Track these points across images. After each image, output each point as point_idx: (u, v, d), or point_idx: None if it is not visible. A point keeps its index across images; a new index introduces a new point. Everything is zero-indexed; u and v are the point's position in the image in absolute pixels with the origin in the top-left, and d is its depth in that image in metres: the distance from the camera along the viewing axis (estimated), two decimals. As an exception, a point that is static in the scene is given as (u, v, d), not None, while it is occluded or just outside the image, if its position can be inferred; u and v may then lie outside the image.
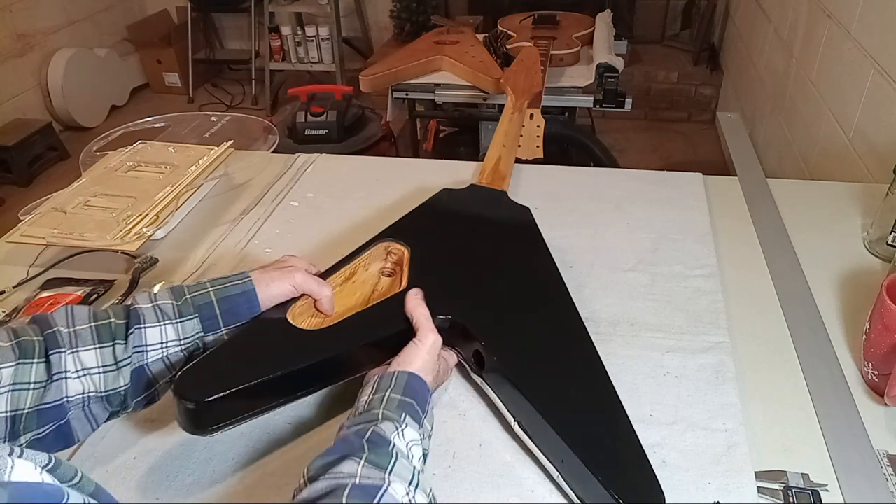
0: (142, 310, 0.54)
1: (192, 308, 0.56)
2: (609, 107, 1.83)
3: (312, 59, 3.48)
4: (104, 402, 0.53)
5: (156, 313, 0.55)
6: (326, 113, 2.23)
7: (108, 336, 0.53)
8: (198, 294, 0.57)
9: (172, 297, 0.56)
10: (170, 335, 0.55)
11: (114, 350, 0.52)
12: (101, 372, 0.52)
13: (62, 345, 0.51)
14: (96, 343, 0.52)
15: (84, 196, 0.96)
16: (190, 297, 0.56)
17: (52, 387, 0.50)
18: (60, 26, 3.31)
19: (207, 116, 1.28)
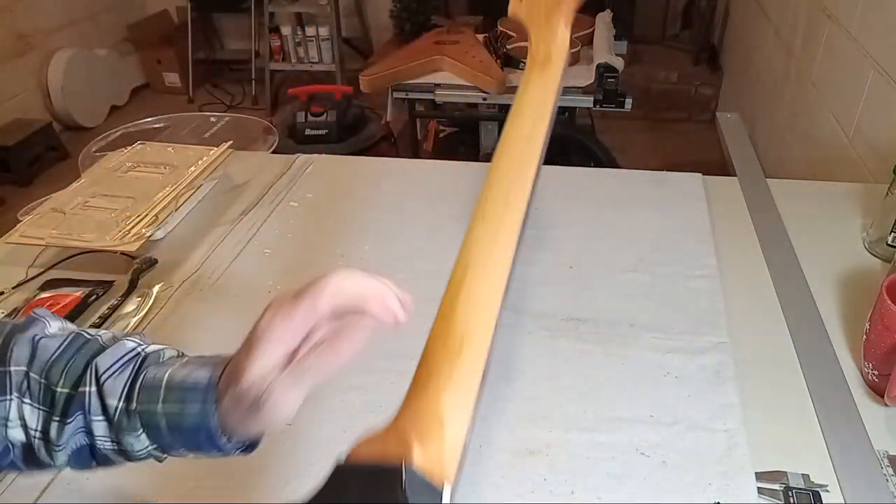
0: (87, 394, 0.41)
1: (136, 423, 0.41)
2: (609, 107, 1.83)
3: (312, 59, 3.48)
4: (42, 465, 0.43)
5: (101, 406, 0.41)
6: (326, 113, 2.23)
7: (49, 403, 0.42)
8: (146, 407, 0.40)
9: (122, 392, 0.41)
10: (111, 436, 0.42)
11: (49, 424, 0.42)
12: (38, 438, 0.42)
13: (7, 390, 0.42)
14: (39, 403, 0.42)
15: (83, 196, 0.96)
16: (136, 409, 0.41)
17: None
18: (60, 26, 3.31)
19: (207, 117, 1.28)
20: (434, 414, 0.34)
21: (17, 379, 0.42)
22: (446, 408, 0.34)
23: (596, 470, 0.60)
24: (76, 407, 0.41)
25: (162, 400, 0.40)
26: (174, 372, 0.41)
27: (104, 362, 0.42)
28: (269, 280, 0.86)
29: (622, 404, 0.66)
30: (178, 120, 1.27)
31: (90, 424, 0.41)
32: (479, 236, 0.45)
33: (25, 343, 0.43)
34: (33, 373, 0.42)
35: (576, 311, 0.79)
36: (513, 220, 0.46)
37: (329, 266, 0.88)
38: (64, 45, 3.28)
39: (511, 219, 0.46)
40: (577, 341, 0.74)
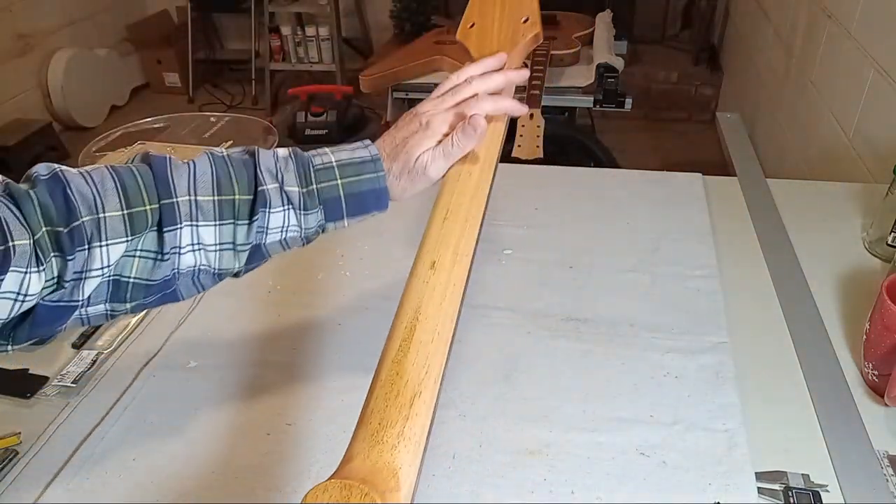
0: (268, 191, 0.49)
1: (317, 200, 0.50)
2: (609, 107, 1.83)
3: (312, 59, 3.48)
4: (215, 277, 0.50)
5: (281, 198, 0.49)
6: (326, 113, 2.23)
7: (230, 213, 0.48)
8: (325, 185, 0.50)
9: (298, 181, 0.50)
10: (291, 221, 0.50)
11: (234, 231, 0.48)
12: (217, 250, 0.48)
13: (179, 220, 0.46)
14: (216, 220, 0.48)
15: (84, 196, 0.96)
16: (316, 188, 0.50)
17: (164, 264, 0.46)
18: (60, 26, 3.31)
19: (207, 117, 1.28)
20: (391, 469, 0.37)
21: (185, 209, 0.47)
22: (401, 463, 0.37)
23: (596, 470, 0.60)
24: (259, 205, 0.48)
25: (339, 176, 0.50)
26: (337, 154, 0.51)
27: (269, 165, 0.50)
28: (268, 280, 0.86)
29: (622, 404, 0.66)
30: (178, 120, 1.27)
31: (269, 220, 0.49)
32: (427, 286, 0.47)
33: (182, 175, 0.48)
34: (201, 196, 0.47)
35: (576, 311, 0.79)
36: (460, 274, 0.48)
37: (329, 266, 0.88)
38: (64, 45, 3.28)
39: (459, 272, 0.48)
40: (577, 341, 0.74)
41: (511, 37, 0.63)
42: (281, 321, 0.79)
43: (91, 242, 0.43)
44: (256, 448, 0.63)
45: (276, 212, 0.49)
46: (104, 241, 0.44)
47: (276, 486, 0.60)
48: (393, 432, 0.38)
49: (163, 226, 0.46)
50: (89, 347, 0.76)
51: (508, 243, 0.91)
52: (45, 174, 0.45)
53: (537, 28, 0.63)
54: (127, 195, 0.45)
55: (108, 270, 0.45)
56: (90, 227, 0.43)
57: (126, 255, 0.45)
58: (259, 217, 0.48)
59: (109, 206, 0.44)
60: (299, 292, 0.84)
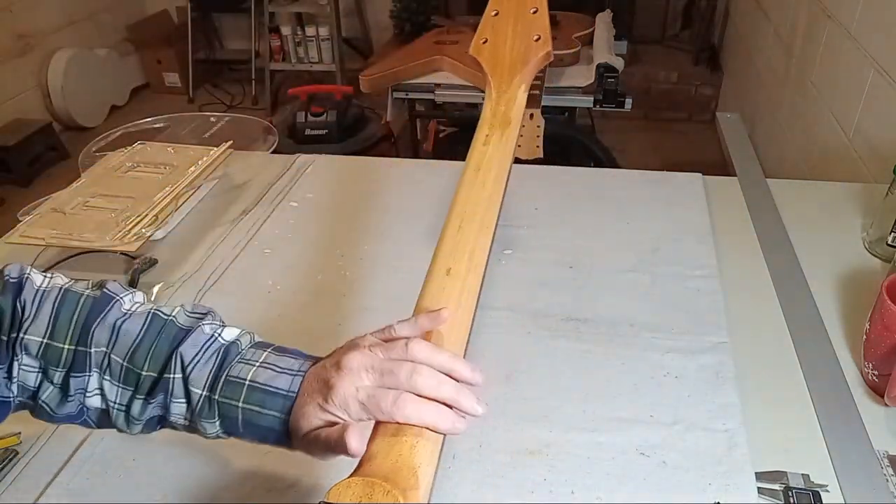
0: (173, 380, 0.46)
1: (215, 412, 0.46)
2: (609, 107, 1.83)
3: (312, 59, 3.48)
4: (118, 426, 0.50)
5: (184, 391, 0.47)
6: (326, 113, 2.23)
7: (133, 383, 0.47)
8: (227, 401, 0.46)
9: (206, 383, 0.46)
10: (188, 416, 0.47)
11: (132, 400, 0.47)
12: (116, 409, 0.48)
13: (89, 368, 0.47)
14: (121, 382, 0.47)
15: (83, 197, 0.96)
16: (218, 399, 0.46)
17: (68, 403, 0.47)
18: (60, 26, 3.31)
19: (207, 117, 1.28)
20: (410, 468, 0.38)
21: (97, 358, 0.47)
22: (420, 461, 0.39)
23: (596, 470, 0.60)
24: (160, 389, 0.46)
25: (243, 399, 0.45)
26: (257, 373, 0.46)
27: (188, 353, 0.47)
28: (269, 280, 0.86)
29: (622, 404, 0.66)
30: (178, 120, 1.27)
31: (170, 405, 0.46)
32: (444, 292, 0.48)
33: (106, 328, 0.47)
34: (115, 355, 0.47)
35: (576, 311, 0.79)
36: (475, 281, 0.49)
37: (329, 266, 0.88)
38: (64, 45, 3.27)
39: (473, 279, 0.49)
40: (577, 341, 0.74)
41: (523, 54, 0.63)
42: (281, 321, 0.79)
43: (14, 354, 0.46)
44: (256, 448, 0.63)
45: (177, 402, 0.47)
46: (19, 359, 0.47)
47: (276, 487, 0.60)
48: (412, 432, 0.40)
49: (72, 369, 0.47)
50: (89, 347, 0.76)
51: (508, 243, 0.91)
52: (13, 277, 0.48)
53: (548, 46, 0.63)
54: (54, 327, 0.47)
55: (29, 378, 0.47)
56: (12, 343, 0.47)
57: (42, 376, 0.47)
58: (159, 399, 0.47)
59: (34, 330, 0.47)
60: (299, 292, 0.84)
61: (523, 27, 0.65)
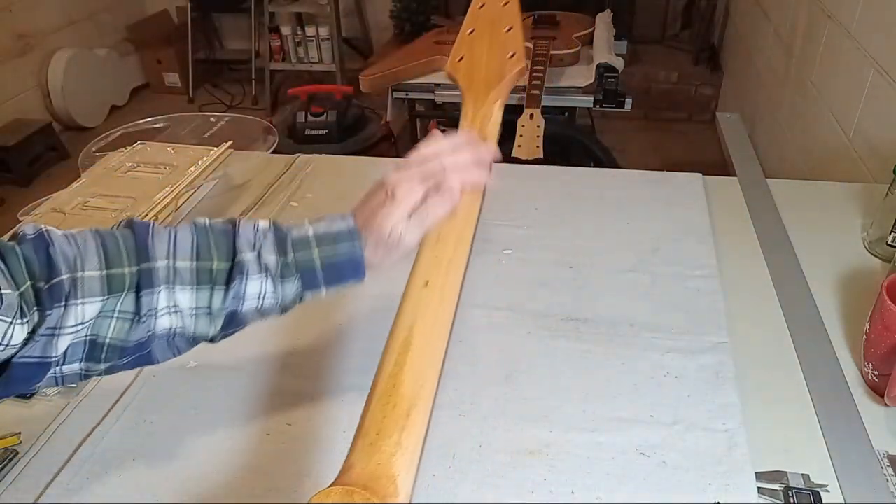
0: (246, 260, 0.49)
1: (294, 270, 0.50)
2: (609, 107, 1.83)
3: (312, 59, 3.48)
4: (190, 341, 0.51)
5: (259, 266, 0.50)
6: (326, 113, 2.23)
7: (208, 279, 0.49)
8: (302, 255, 0.51)
9: (276, 250, 0.50)
10: (268, 289, 0.50)
11: (211, 296, 0.49)
12: (194, 314, 0.49)
13: (157, 283, 0.47)
14: (194, 284, 0.49)
15: (83, 197, 0.96)
16: (293, 258, 0.50)
17: (140, 326, 0.47)
18: (60, 26, 3.31)
19: (207, 117, 1.28)
20: (389, 476, 0.39)
21: (163, 273, 0.48)
22: (399, 470, 0.39)
23: (596, 470, 0.60)
24: (237, 273, 0.49)
25: (316, 245, 0.51)
26: (315, 226, 0.52)
27: (247, 237, 0.51)
28: (269, 280, 0.86)
29: (622, 404, 0.66)
30: (178, 120, 1.27)
31: (246, 289, 0.49)
32: (422, 303, 0.49)
33: (162, 242, 0.49)
34: (180, 262, 0.49)
35: (576, 311, 0.79)
36: (452, 292, 0.50)
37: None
38: (64, 45, 3.28)
39: (451, 291, 0.50)
40: (577, 341, 0.74)
41: (498, 71, 0.65)
42: (281, 322, 0.79)
43: (68, 300, 0.45)
44: (256, 448, 0.63)
45: (254, 279, 0.49)
46: (80, 300, 0.45)
47: (276, 486, 0.60)
48: (391, 442, 0.40)
49: (140, 288, 0.47)
50: (89, 347, 0.76)
51: (508, 243, 0.91)
52: (30, 233, 0.46)
53: (522, 63, 0.65)
54: (107, 256, 0.47)
55: (83, 329, 0.46)
56: (68, 285, 0.45)
57: (103, 314, 0.46)
58: (236, 284, 0.49)
59: (89, 265, 0.46)
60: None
61: (498, 45, 0.67)
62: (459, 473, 0.60)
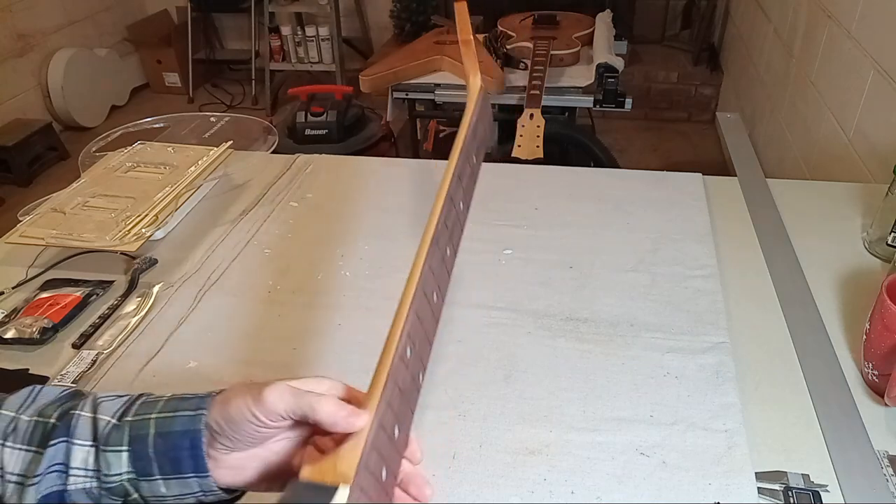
0: (80, 417, 0.40)
1: (124, 436, 0.39)
2: (609, 107, 1.83)
3: (312, 59, 3.48)
4: None
5: (92, 428, 0.40)
6: (326, 113, 2.23)
7: (38, 438, 0.40)
8: (138, 419, 0.40)
9: (117, 410, 0.41)
10: (92, 463, 0.40)
11: (32, 460, 0.40)
12: (13, 482, 0.40)
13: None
14: (25, 443, 0.40)
15: (83, 197, 0.96)
16: (129, 420, 0.40)
17: None
18: (60, 26, 3.31)
19: (207, 117, 1.28)
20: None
21: (3, 423, 0.41)
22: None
23: (596, 470, 0.60)
24: (61, 431, 0.40)
25: (158, 409, 0.40)
26: (174, 394, 0.42)
27: (103, 395, 0.42)
28: (269, 280, 0.86)
29: (622, 404, 0.66)
30: (178, 120, 1.27)
31: (70, 452, 0.40)
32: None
33: (23, 393, 0.43)
34: (24, 415, 0.41)
35: (576, 311, 0.79)
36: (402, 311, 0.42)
37: (329, 266, 0.88)
38: (64, 45, 3.28)
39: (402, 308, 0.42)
40: (577, 341, 0.74)
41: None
42: (281, 321, 0.79)
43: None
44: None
45: (81, 444, 0.40)
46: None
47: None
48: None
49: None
50: (89, 347, 0.76)
51: (508, 243, 0.91)
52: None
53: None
54: None
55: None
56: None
57: None
58: (55, 447, 0.39)
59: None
60: (299, 292, 0.84)
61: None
62: (459, 473, 0.60)
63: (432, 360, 0.43)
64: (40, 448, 0.40)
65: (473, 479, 0.59)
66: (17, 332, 0.77)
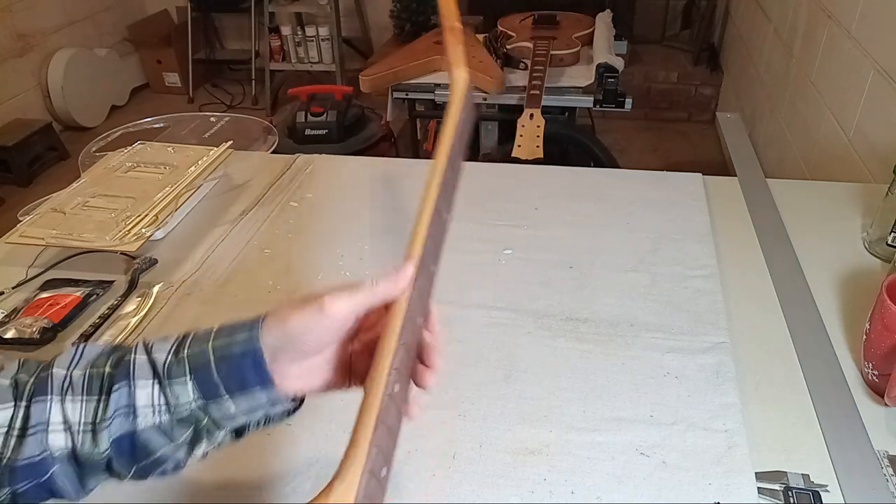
0: (136, 361, 0.42)
1: (184, 368, 0.41)
2: (609, 107, 1.83)
3: (312, 59, 3.48)
4: (90, 469, 0.43)
5: (148, 367, 0.42)
6: (326, 113, 2.23)
7: (97, 387, 0.42)
8: (195, 349, 0.42)
9: (171, 348, 0.43)
10: (157, 397, 0.41)
11: (97, 407, 0.41)
12: (81, 431, 0.41)
13: (48, 391, 0.42)
14: (84, 394, 0.42)
15: (83, 197, 0.96)
16: (185, 353, 0.42)
17: (29, 440, 0.40)
18: (60, 26, 3.31)
19: (207, 117, 1.29)
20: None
21: (58, 381, 0.43)
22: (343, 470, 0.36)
23: (596, 470, 0.60)
24: (121, 377, 0.42)
25: (212, 339, 0.42)
26: (222, 324, 0.44)
27: (150, 339, 0.44)
28: (269, 280, 0.86)
29: (622, 404, 0.66)
30: (178, 120, 1.27)
31: (134, 394, 0.41)
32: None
33: (68, 353, 0.44)
34: (76, 370, 0.43)
35: (576, 311, 0.79)
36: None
37: (329, 266, 0.88)
38: (64, 45, 3.28)
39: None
40: (577, 341, 0.74)
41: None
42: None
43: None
44: (256, 448, 0.63)
45: (143, 386, 0.41)
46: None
47: (276, 487, 0.60)
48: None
49: (33, 397, 0.42)
50: (89, 347, 0.76)
51: (508, 243, 0.91)
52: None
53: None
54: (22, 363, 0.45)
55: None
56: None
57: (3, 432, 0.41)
58: (119, 391, 0.41)
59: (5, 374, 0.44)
60: (299, 292, 0.84)
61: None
62: (459, 473, 0.60)
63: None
64: (103, 396, 0.42)
65: (473, 479, 0.59)
66: (17, 332, 0.77)
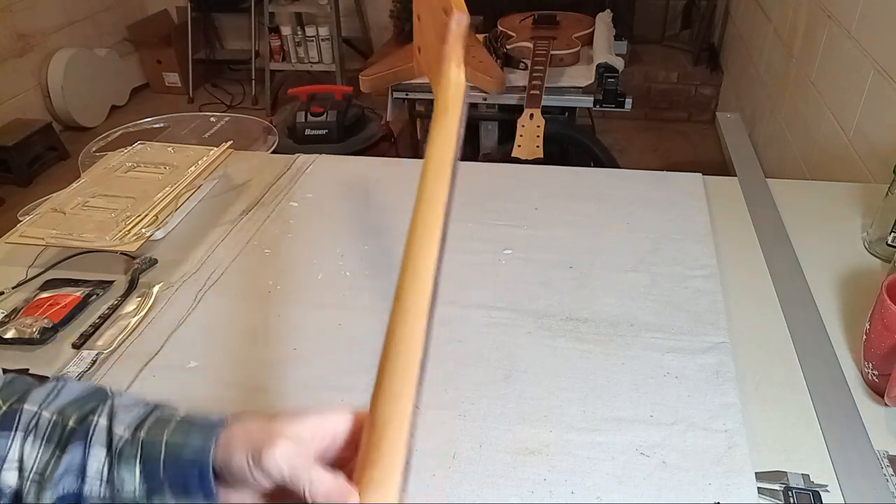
0: (97, 424, 0.41)
1: (137, 452, 0.40)
2: (609, 107, 1.83)
3: (312, 59, 3.48)
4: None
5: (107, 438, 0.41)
6: (326, 113, 2.23)
7: (56, 438, 0.41)
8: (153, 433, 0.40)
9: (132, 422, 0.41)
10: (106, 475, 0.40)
11: (50, 458, 0.40)
12: (30, 479, 0.40)
13: (14, 426, 0.41)
14: (43, 440, 0.41)
15: (83, 197, 0.96)
16: (143, 437, 0.40)
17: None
18: (60, 26, 3.31)
19: (207, 117, 1.29)
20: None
21: (27, 417, 0.42)
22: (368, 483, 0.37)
23: (596, 470, 0.60)
24: (79, 436, 0.41)
25: (171, 430, 0.40)
26: (191, 412, 0.42)
27: (121, 401, 0.43)
28: (269, 280, 0.86)
29: (622, 404, 0.66)
30: (178, 120, 1.27)
31: (87, 460, 0.40)
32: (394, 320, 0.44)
33: (48, 386, 0.44)
34: (46, 411, 0.42)
35: (576, 311, 0.79)
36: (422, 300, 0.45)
37: (329, 266, 0.88)
38: (64, 45, 3.28)
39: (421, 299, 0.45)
40: (577, 341, 0.74)
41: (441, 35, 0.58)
42: (281, 321, 0.79)
43: None
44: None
45: (96, 453, 0.40)
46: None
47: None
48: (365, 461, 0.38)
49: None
50: (89, 347, 0.76)
51: (508, 243, 0.91)
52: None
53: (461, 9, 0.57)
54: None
55: None
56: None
57: None
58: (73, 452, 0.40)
59: None
60: (299, 292, 0.84)
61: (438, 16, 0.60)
62: (459, 473, 0.60)
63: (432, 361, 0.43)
64: (58, 449, 0.41)
65: (473, 479, 0.59)
66: (17, 332, 0.77)
